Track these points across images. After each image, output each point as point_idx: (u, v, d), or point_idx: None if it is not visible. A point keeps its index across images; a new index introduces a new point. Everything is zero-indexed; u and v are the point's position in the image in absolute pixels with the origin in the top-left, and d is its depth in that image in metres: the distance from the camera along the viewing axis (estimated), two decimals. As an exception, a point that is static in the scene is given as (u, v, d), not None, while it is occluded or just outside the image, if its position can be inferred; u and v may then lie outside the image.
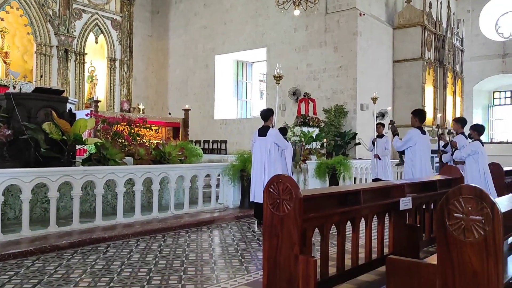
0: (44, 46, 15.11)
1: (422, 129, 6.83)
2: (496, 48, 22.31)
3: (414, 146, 6.63)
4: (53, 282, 4.07)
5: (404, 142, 6.74)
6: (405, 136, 6.81)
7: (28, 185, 5.55)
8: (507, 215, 2.54)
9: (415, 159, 6.64)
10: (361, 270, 3.94)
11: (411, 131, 6.76)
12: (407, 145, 6.72)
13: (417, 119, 6.81)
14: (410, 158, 6.75)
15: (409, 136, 6.70)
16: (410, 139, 6.67)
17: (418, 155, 6.63)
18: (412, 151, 6.68)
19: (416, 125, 6.81)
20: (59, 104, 7.17)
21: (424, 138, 6.79)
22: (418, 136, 6.67)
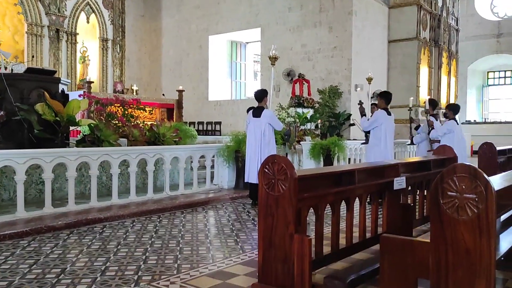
0: (35, 26, 14.86)
1: (387, 110, 7.08)
2: (491, 28, 22.27)
3: (380, 126, 6.91)
4: (49, 262, 4.09)
5: (370, 122, 7.00)
6: (372, 117, 7.09)
7: (22, 166, 5.53)
8: (500, 193, 2.56)
9: (380, 140, 6.90)
10: (355, 248, 3.98)
11: (377, 112, 7.01)
12: (373, 126, 6.99)
13: (383, 101, 7.04)
14: (374, 138, 7.03)
15: (375, 117, 6.97)
16: (376, 119, 6.95)
17: (383, 136, 6.89)
18: (377, 132, 6.93)
19: (382, 107, 7.04)
20: (52, 85, 7.10)
21: (389, 119, 7.06)
22: (384, 117, 6.93)
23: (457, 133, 7.07)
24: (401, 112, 17.13)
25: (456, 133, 7.07)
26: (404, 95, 17.08)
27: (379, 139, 6.96)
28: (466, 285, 2.42)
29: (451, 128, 7.17)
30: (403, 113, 17.07)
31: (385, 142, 6.90)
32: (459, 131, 7.18)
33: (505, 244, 3.13)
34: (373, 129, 7.04)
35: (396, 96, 17.16)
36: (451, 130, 7.15)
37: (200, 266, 4.02)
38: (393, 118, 7.24)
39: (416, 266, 2.65)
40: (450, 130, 7.17)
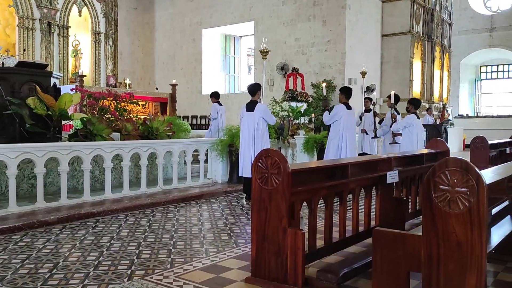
0: (27, 19, 14.69)
1: (348, 105, 7.39)
2: (484, 22, 22.35)
3: (339, 120, 7.25)
4: (41, 257, 4.08)
5: (331, 116, 7.31)
6: (332, 111, 7.39)
7: (14, 160, 5.49)
8: (492, 186, 2.59)
9: (338, 132, 7.25)
10: (348, 242, 4.01)
11: (337, 106, 7.39)
12: (333, 119, 7.31)
13: (343, 96, 7.36)
14: (333, 131, 7.39)
15: (335, 111, 7.31)
16: (336, 113, 7.27)
17: (341, 129, 7.25)
18: (337, 125, 7.31)
19: (343, 101, 7.37)
20: (43, 79, 7.03)
21: (349, 114, 7.37)
22: (344, 111, 7.27)
23: (417, 127, 7.44)
24: (394, 106, 17.20)
25: (416, 126, 7.41)
26: (397, 89, 17.04)
27: (338, 131, 7.31)
28: (457, 277, 2.45)
29: (411, 122, 7.45)
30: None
31: (342, 136, 7.27)
32: (418, 125, 7.54)
33: (496, 237, 3.16)
34: (333, 123, 7.38)
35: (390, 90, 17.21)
36: (411, 124, 7.44)
37: (193, 260, 4.03)
38: (353, 113, 7.53)
39: (408, 259, 2.67)
40: (410, 123, 7.45)
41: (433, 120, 15.23)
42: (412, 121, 7.45)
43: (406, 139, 7.51)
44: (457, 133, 18.32)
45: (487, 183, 2.38)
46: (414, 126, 7.40)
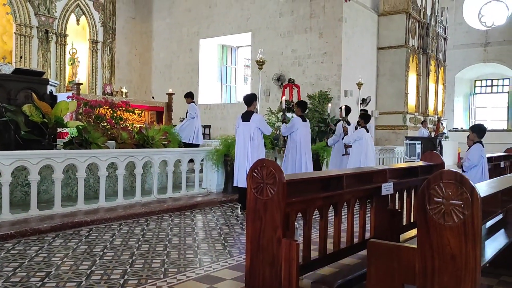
0: (24, 26, 14.72)
1: (303, 117, 7.84)
2: (478, 37, 22.58)
3: (296, 131, 7.63)
4: (34, 265, 4.04)
5: (288, 128, 7.71)
6: (289, 123, 7.84)
7: (8, 168, 5.46)
8: (486, 200, 2.60)
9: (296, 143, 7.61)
10: (342, 253, 4.00)
11: (294, 119, 7.76)
12: (290, 131, 7.69)
13: (299, 109, 7.81)
14: (290, 142, 7.73)
15: (292, 123, 7.71)
16: (292, 125, 7.66)
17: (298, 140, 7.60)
18: (294, 136, 7.66)
19: (298, 114, 7.78)
20: (40, 86, 7.02)
21: (305, 125, 7.75)
22: (299, 123, 7.66)
23: (366, 140, 7.79)
24: (389, 118, 17.30)
25: (365, 140, 7.77)
26: (392, 102, 17.25)
27: (295, 142, 7.66)
28: (451, 290, 2.44)
29: (361, 136, 7.84)
30: (391, 120, 17.25)
31: (299, 146, 7.60)
32: (368, 139, 7.91)
33: (490, 251, 3.16)
34: (290, 134, 7.73)
35: (385, 103, 17.39)
36: (361, 137, 7.83)
37: (187, 270, 4.00)
38: (308, 125, 7.96)
39: (402, 271, 2.67)
40: (360, 137, 7.85)
41: (428, 133, 15.31)
42: (362, 135, 7.82)
43: (355, 152, 7.93)
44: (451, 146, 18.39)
45: (482, 196, 2.39)
46: (363, 140, 7.77)
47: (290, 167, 7.62)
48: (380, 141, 16.63)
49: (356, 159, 7.83)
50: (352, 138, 8.04)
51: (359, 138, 7.92)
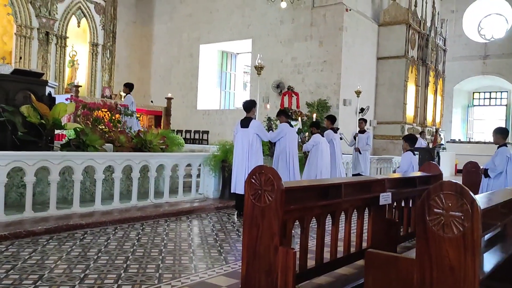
0: (25, 27, 14.71)
1: (289, 123, 8.13)
2: (477, 49, 22.70)
3: (285, 136, 7.81)
4: (27, 268, 3.99)
5: (277, 133, 7.93)
6: (277, 129, 8.10)
7: (4, 168, 5.41)
8: (486, 212, 2.58)
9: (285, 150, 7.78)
10: (339, 263, 3.97)
11: (281, 125, 8.03)
12: (279, 136, 7.88)
13: (283, 116, 8.08)
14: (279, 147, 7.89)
15: (280, 129, 7.94)
16: (281, 130, 7.85)
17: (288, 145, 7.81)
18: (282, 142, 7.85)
19: (284, 121, 8.03)
20: (39, 87, 6.99)
21: (292, 130, 7.98)
22: (287, 128, 7.87)
23: (321, 145, 8.14)
24: (388, 128, 17.32)
25: (321, 144, 8.13)
26: (391, 112, 17.29)
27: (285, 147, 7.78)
28: (449, 303, 2.41)
29: (317, 141, 8.19)
30: (390, 130, 17.27)
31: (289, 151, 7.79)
32: (324, 144, 8.27)
33: (489, 264, 3.14)
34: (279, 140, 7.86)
35: (384, 112, 17.42)
36: (318, 142, 8.19)
37: (182, 276, 3.96)
38: (295, 130, 8.25)
39: (400, 282, 2.64)
40: (316, 142, 8.20)
41: (425, 143, 15.32)
42: (318, 140, 8.20)
43: (313, 157, 8.25)
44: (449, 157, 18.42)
45: (482, 208, 2.37)
46: (319, 144, 8.15)
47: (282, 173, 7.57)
48: (378, 151, 16.63)
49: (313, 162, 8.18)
50: (309, 145, 8.36)
51: (315, 143, 8.25)
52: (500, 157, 6.36)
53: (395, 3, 17.50)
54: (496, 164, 6.36)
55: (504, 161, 6.33)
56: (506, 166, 6.33)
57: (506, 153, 6.40)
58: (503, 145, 6.48)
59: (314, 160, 8.22)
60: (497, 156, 6.39)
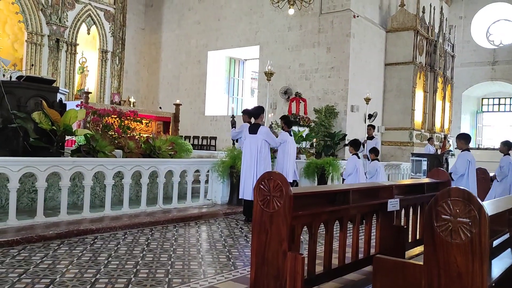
0: (35, 35, 14.94)
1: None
2: (486, 56, 22.61)
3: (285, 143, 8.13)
4: (39, 272, 4.05)
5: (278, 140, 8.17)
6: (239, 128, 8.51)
7: (16, 174, 5.50)
8: (493, 218, 2.59)
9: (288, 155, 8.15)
10: (347, 269, 3.98)
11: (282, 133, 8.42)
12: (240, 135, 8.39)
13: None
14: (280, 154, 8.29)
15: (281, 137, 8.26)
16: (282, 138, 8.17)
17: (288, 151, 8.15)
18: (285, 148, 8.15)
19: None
20: (50, 94, 7.10)
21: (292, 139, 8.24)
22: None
23: (289, 143, 8.40)
24: (396, 134, 17.28)
25: (288, 142, 8.38)
26: (399, 118, 17.26)
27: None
28: (457, 309, 2.43)
29: (285, 139, 8.35)
30: (398, 136, 17.22)
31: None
32: (291, 142, 8.50)
33: (497, 270, 3.14)
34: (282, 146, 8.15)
35: (391, 118, 17.40)
36: (285, 140, 8.35)
37: (191, 281, 3.99)
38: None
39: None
40: (284, 140, 8.34)
41: (434, 150, 15.27)
42: (286, 138, 8.40)
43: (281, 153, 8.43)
44: (458, 163, 18.26)
45: (489, 214, 2.38)
46: (287, 142, 8.33)
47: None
48: (386, 157, 16.60)
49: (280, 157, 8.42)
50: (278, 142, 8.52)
51: (283, 141, 8.49)
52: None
53: (403, 9, 17.51)
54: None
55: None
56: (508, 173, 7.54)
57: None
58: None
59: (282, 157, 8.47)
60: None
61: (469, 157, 7.12)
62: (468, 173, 7.11)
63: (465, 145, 7.38)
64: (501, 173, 7.88)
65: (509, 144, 8.19)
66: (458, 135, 7.84)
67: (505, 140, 8.51)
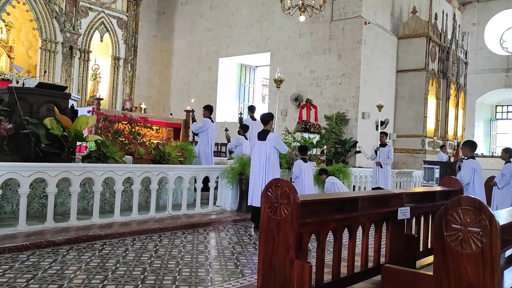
0: (49, 42, 15.15)
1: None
2: (500, 62, 22.35)
3: (206, 130, 9.61)
4: (47, 277, 4.06)
5: (200, 126, 9.59)
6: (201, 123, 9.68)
7: (27, 179, 5.54)
8: (505, 228, 2.53)
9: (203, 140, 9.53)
10: (356, 278, 3.92)
11: (204, 120, 9.71)
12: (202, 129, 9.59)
13: (207, 112, 9.76)
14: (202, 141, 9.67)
15: (203, 124, 9.62)
16: (204, 125, 9.52)
17: (210, 138, 9.64)
18: (204, 135, 9.68)
19: (207, 116, 9.70)
20: (62, 100, 7.17)
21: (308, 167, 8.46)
22: (209, 123, 9.64)
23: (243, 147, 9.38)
24: (408, 141, 17.12)
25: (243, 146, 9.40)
26: (411, 125, 17.10)
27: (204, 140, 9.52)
28: (468, 321, 2.37)
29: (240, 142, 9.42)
30: (410, 143, 17.06)
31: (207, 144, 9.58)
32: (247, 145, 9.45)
33: (509, 281, 3.06)
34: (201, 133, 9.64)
35: (403, 126, 17.26)
36: (240, 144, 9.43)
37: (198, 289, 3.97)
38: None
39: (417, 298, 2.60)
40: (239, 143, 9.43)
41: (447, 157, 15.09)
42: (242, 141, 9.53)
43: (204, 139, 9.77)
44: (471, 171, 18.01)
45: (501, 224, 2.33)
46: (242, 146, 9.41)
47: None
48: (398, 164, 16.44)
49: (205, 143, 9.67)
50: (233, 144, 9.88)
51: (238, 144, 9.55)
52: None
53: (415, 16, 17.41)
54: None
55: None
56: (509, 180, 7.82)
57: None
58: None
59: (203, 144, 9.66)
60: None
61: (474, 165, 7.08)
62: (474, 181, 7.04)
63: (470, 153, 7.35)
64: (503, 180, 7.84)
65: (510, 151, 8.13)
66: (464, 142, 7.84)
67: (506, 147, 8.42)
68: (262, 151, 6.91)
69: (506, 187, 7.82)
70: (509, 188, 7.82)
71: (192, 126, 9.93)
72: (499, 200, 7.75)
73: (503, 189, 7.84)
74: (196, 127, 9.74)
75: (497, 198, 7.83)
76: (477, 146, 7.67)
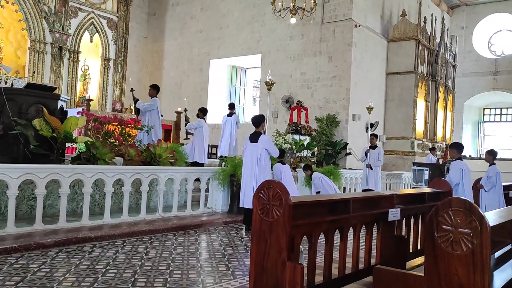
0: (38, 42, 15.01)
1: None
2: (488, 65, 22.62)
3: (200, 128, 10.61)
4: (36, 280, 4.02)
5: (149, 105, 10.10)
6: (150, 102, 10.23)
7: (16, 181, 5.48)
8: (495, 229, 2.56)
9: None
10: (347, 279, 3.94)
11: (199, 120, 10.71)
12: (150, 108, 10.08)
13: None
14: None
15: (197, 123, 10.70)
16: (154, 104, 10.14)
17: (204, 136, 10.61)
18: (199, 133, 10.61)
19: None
20: (51, 101, 7.10)
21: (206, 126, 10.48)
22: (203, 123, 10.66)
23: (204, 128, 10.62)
24: (397, 143, 17.24)
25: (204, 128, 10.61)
26: (400, 127, 17.23)
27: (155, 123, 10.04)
28: (459, 321, 2.39)
29: (201, 124, 10.58)
30: (399, 145, 17.18)
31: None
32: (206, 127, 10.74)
33: (499, 282, 3.10)
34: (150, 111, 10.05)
35: (393, 128, 17.38)
36: (201, 126, 10.56)
37: (189, 291, 3.95)
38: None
39: (409, 299, 2.62)
40: (200, 125, 10.55)
41: (436, 159, 15.22)
42: (202, 124, 10.54)
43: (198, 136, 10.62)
44: (459, 173, 18.17)
45: (491, 225, 2.35)
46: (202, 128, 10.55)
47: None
48: (388, 166, 16.54)
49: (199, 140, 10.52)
50: (193, 126, 10.62)
51: (199, 126, 10.47)
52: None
53: (405, 19, 17.56)
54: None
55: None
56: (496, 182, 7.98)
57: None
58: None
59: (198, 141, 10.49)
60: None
61: (462, 165, 7.16)
62: (463, 182, 7.14)
63: (458, 154, 7.41)
64: (489, 183, 7.93)
65: (494, 153, 8.26)
66: (451, 144, 7.91)
67: (490, 149, 8.54)
68: (253, 153, 6.91)
69: (492, 189, 7.89)
70: (496, 190, 7.89)
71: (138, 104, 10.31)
72: (487, 202, 7.82)
73: (490, 191, 7.90)
74: (141, 105, 10.19)
75: (485, 200, 7.90)
76: (463, 148, 7.73)
